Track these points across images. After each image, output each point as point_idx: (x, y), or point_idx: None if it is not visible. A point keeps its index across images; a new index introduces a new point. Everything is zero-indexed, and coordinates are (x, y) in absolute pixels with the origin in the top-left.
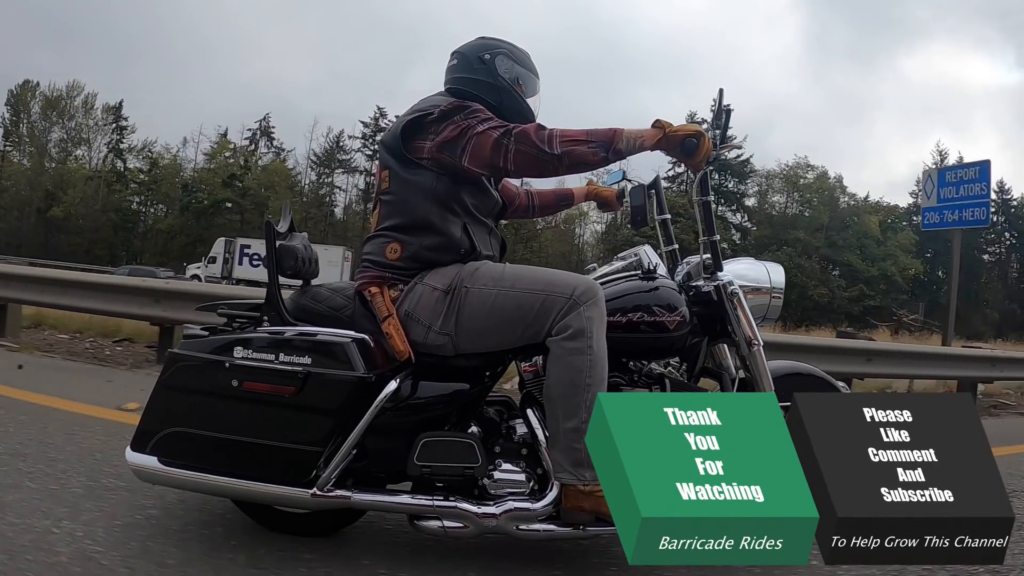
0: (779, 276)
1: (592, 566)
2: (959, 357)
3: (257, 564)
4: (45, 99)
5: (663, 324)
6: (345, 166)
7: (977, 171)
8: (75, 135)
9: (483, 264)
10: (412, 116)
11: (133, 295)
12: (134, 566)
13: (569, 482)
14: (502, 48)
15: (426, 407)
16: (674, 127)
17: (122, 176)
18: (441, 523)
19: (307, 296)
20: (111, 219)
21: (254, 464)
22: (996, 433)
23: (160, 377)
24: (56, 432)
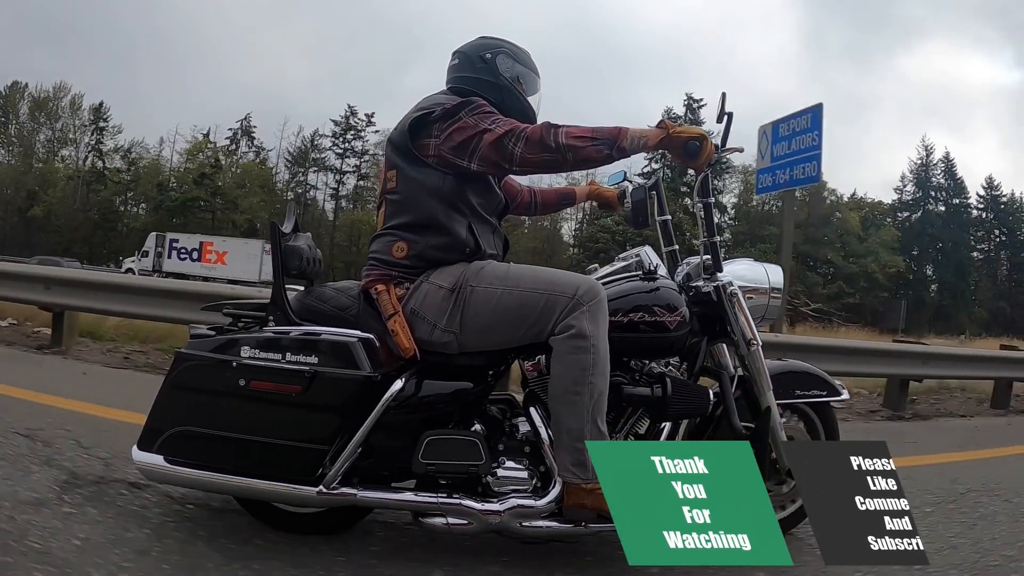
0: (778, 277)
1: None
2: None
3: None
4: (33, 100)
5: (663, 324)
6: (319, 164)
7: (808, 119)
8: (62, 136)
9: (488, 263)
10: (417, 114)
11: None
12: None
13: (571, 480)
14: (503, 47)
15: (431, 405)
16: (678, 129)
17: (101, 176)
18: (445, 520)
19: (312, 296)
20: (91, 218)
21: (261, 462)
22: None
23: (167, 376)
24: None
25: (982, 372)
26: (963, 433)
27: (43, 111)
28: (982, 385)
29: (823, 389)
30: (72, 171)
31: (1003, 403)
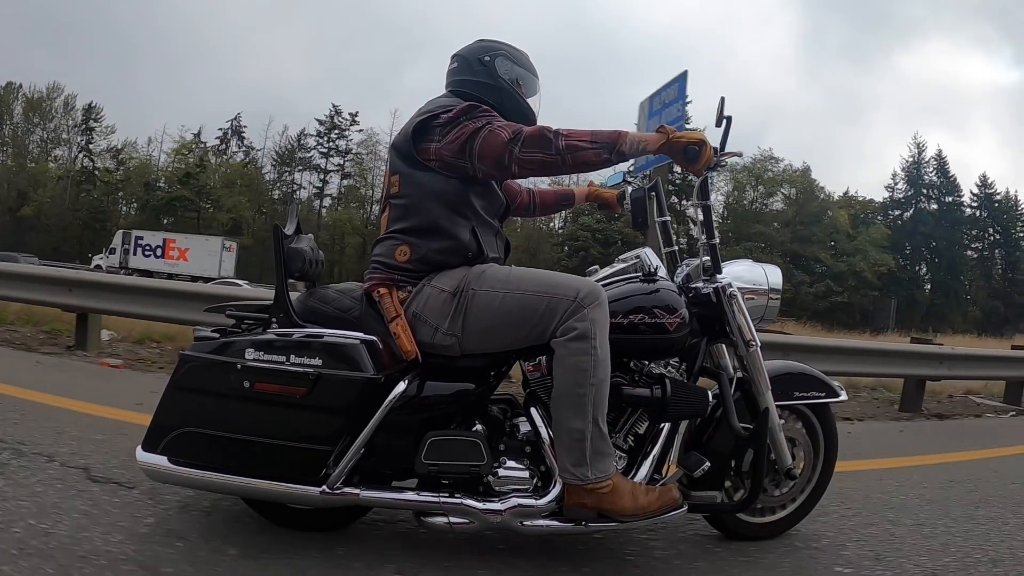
0: (777, 278)
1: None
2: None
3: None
4: (27, 100)
5: (663, 325)
6: (305, 164)
7: (676, 89)
8: (55, 136)
9: (489, 267)
10: (419, 119)
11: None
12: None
13: (572, 481)
14: (501, 50)
15: (433, 406)
16: (677, 134)
17: (91, 175)
18: (447, 519)
19: (315, 297)
20: (80, 217)
21: (265, 463)
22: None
23: (171, 378)
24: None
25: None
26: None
27: (37, 112)
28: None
29: (822, 391)
30: (63, 171)
31: (913, 407)
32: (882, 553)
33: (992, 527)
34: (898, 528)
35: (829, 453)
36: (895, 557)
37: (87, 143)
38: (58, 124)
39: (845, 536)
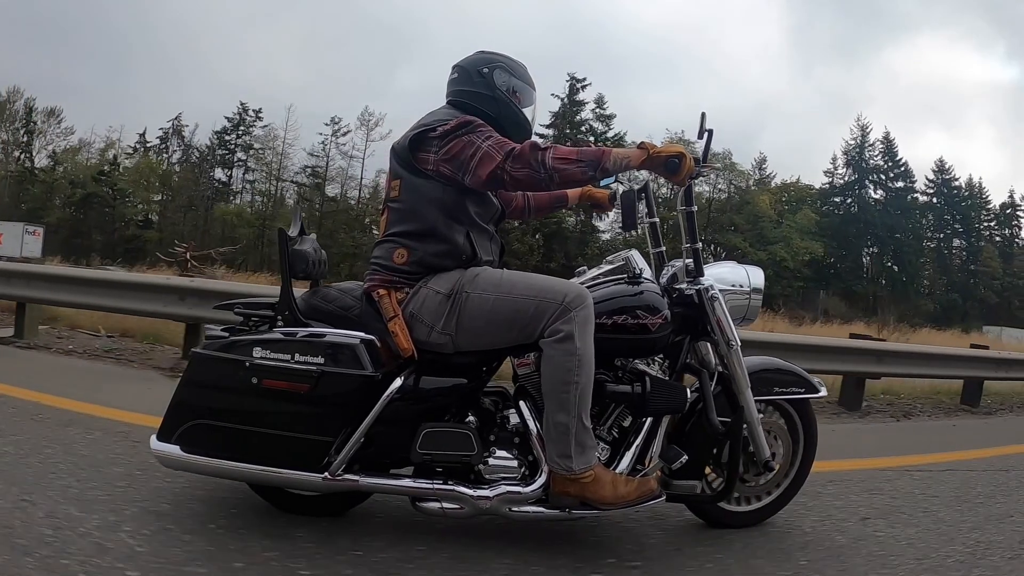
0: (758, 278)
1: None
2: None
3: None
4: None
5: (646, 326)
6: (226, 162)
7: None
8: (14, 139)
9: (483, 270)
10: (418, 131)
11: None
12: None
13: (558, 470)
14: (500, 62)
15: (427, 399)
16: (657, 148)
17: (30, 175)
18: (440, 505)
19: (318, 297)
20: (19, 214)
21: (271, 452)
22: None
23: (184, 374)
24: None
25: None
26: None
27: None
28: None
29: (801, 386)
30: (4, 171)
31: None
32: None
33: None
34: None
35: (809, 446)
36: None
37: (28, 143)
38: (16, 127)
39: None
